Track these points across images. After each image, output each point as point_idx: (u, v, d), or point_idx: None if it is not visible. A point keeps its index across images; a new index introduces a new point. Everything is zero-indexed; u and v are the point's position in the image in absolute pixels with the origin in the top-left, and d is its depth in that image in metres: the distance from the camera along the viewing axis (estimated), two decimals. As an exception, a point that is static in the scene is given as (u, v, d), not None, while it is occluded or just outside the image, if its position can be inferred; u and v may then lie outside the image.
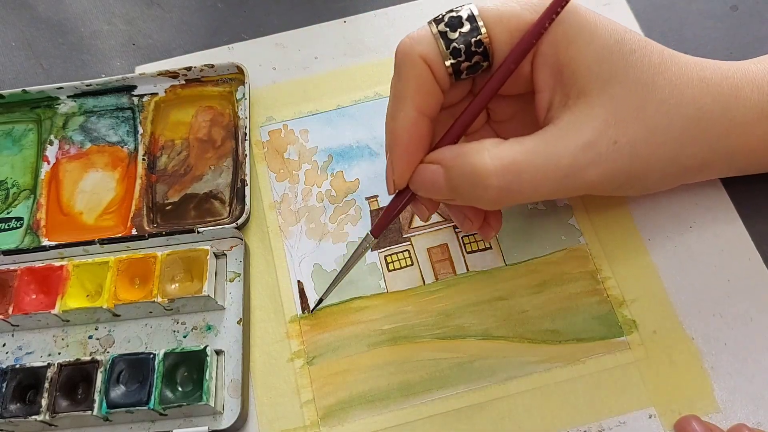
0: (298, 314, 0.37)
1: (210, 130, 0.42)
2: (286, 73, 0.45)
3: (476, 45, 0.31)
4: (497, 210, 0.35)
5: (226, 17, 0.47)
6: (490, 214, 0.35)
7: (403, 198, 0.33)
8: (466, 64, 0.31)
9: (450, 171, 0.30)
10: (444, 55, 0.31)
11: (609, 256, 0.37)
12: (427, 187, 0.32)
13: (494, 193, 0.29)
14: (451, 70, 0.31)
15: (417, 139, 0.31)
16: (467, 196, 0.30)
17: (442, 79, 0.31)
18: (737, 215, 0.37)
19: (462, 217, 0.34)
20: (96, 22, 0.48)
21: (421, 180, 0.32)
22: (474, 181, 0.29)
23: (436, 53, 0.31)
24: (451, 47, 0.30)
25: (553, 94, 0.31)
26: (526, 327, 0.36)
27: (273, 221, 0.40)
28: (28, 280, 0.37)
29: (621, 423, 0.33)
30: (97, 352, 0.37)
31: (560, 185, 0.30)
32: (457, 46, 0.30)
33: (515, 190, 0.29)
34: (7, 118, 0.44)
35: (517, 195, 0.30)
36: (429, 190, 0.32)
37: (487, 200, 0.30)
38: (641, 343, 0.35)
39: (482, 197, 0.30)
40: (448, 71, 0.31)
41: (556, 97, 0.31)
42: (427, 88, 0.31)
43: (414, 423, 0.34)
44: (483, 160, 0.29)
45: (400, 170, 0.32)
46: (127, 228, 0.40)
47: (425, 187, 0.32)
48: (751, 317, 0.35)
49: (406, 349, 0.36)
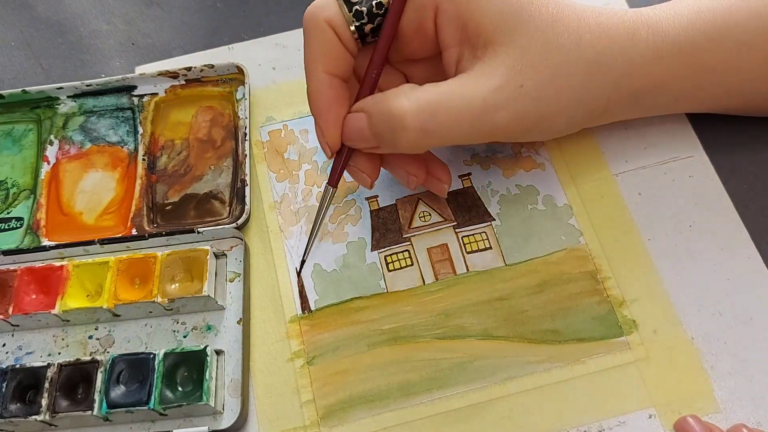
0: (298, 314, 0.37)
1: (210, 130, 0.42)
2: (286, 73, 0.45)
3: (377, 7, 0.33)
4: (440, 162, 0.37)
5: (226, 17, 0.47)
6: (433, 166, 0.37)
7: (342, 155, 0.35)
8: (369, 26, 0.33)
9: (372, 116, 0.32)
10: (348, 19, 0.33)
11: (609, 256, 0.37)
12: (353, 136, 0.33)
13: (412, 135, 0.31)
14: (356, 34, 0.33)
15: (334, 99, 0.33)
16: (388, 139, 0.32)
17: (349, 42, 0.33)
18: (737, 215, 0.37)
19: (404, 174, 0.36)
20: (95, 22, 0.48)
21: (348, 129, 0.34)
22: (392, 123, 0.31)
23: (340, 17, 0.33)
24: (354, 10, 0.33)
25: (461, 49, 0.33)
26: (526, 327, 0.36)
27: (273, 221, 0.40)
28: (28, 280, 0.37)
29: (621, 423, 0.33)
30: (97, 352, 0.37)
31: (473, 127, 0.32)
32: (360, 9, 0.33)
33: (431, 130, 0.31)
34: (7, 118, 0.44)
35: (434, 136, 0.31)
36: (356, 139, 0.34)
37: (406, 142, 0.32)
38: (641, 343, 0.35)
39: (401, 139, 0.31)
40: (353, 35, 0.33)
41: (465, 50, 0.33)
42: (335, 52, 0.33)
43: (414, 423, 0.34)
44: (400, 101, 0.31)
45: (328, 131, 0.34)
46: (127, 228, 0.40)
47: (352, 136, 0.34)
48: (751, 317, 0.35)
49: (406, 349, 0.36)
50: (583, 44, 0.33)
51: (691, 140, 0.39)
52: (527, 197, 0.39)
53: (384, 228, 0.39)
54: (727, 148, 0.39)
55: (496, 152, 0.40)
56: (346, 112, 0.34)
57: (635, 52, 0.33)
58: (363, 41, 0.34)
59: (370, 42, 0.34)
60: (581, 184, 0.39)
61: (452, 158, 0.40)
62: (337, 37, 0.33)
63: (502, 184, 0.39)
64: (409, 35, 0.34)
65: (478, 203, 0.39)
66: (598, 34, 0.33)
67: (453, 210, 0.39)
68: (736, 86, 0.36)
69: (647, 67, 0.34)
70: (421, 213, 0.39)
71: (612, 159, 0.39)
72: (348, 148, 0.35)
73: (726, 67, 0.35)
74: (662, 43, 0.34)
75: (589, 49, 0.33)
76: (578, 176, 0.39)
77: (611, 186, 0.39)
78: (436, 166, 0.37)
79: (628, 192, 0.38)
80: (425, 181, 0.37)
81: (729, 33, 0.34)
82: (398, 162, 0.36)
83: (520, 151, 0.40)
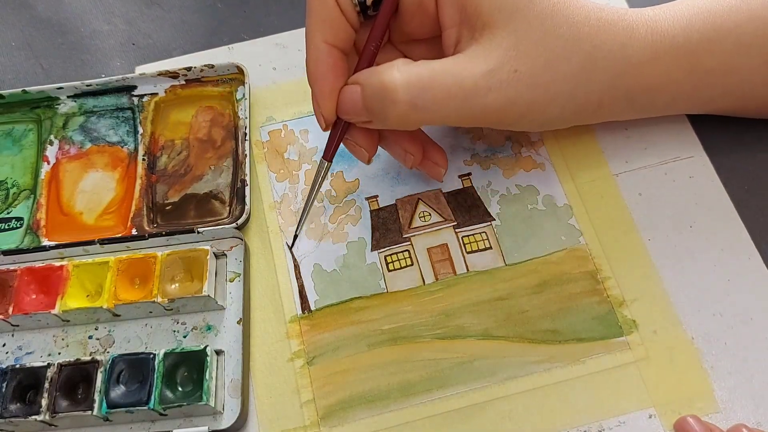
0: (298, 314, 0.37)
1: (210, 130, 0.42)
2: (286, 73, 0.45)
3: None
4: (437, 145, 0.38)
5: (226, 17, 0.47)
6: (430, 149, 0.37)
7: (338, 128, 0.35)
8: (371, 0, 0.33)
9: (365, 89, 0.32)
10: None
11: (609, 256, 0.37)
12: (347, 108, 0.33)
13: (402, 108, 0.31)
14: (358, 6, 0.33)
15: (331, 70, 0.33)
16: (378, 112, 0.32)
17: (350, 13, 0.33)
18: (737, 215, 0.37)
19: (401, 152, 0.36)
20: (96, 22, 0.48)
21: (343, 101, 0.33)
22: (383, 96, 0.31)
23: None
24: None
25: (459, 30, 0.33)
26: (526, 327, 0.36)
27: (273, 221, 0.40)
28: (28, 280, 0.37)
29: (621, 423, 0.33)
30: (97, 352, 0.37)
31: (464, 107, 0.32)
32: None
33: (421, 106, 0.31)
34: (7, 118, 0.44)
35: (424, 112, 0.31)
36: (350, 112, 0.33)
37: (395, 115, 0.32)
38: (641, 343, 0.35)
39: (391, 112, 0.31)
40: (355, 7, 0.33)
41: (463, 32, 0.33)
42: (336, 22, 0.33)
43: (414, 423, 0.34)
44: (392, 74, 0.31)
45: (323, 101, 0.33)
46: (127, 228, 0.40)
47: (346, 108, 0.33)
48: (751, 317, 0.35)
49: (406, 349, 0.36)
50: (582, 37, 0.33)
51: (692, 140, 0.39)
52: (527, 197, 0.39)
53: (384, 228, 0.39)
54: (727, 148, 0.39)
55: (496, 152, 0.40)
56: (342, 84, 0.34)
57: (633, 50, 0.33)
58: (365, 14, 0.34)
59: (371, 16, 0.34)
60: (581, 184, 0.39)
61: (452, 158, 0.40)
62: (339, 7, 0.33)
63: (502, 184, 0.39)
64: (410, 12, 0.34)
65: (478, 203, 0.39)
66: (597, 29, 0.33)
67: (453, 210, 0.39)
68: (734, 88, 0.36)
69: (644, 66, 0.34)
70: (421, 213, 0.39)
71: (612, 159, 0.39)
72: (344, 122, 0.34)
73: (724, 69, 0.35)
74: (660, 42, 0.34)
75: (586, 42, 0.33)
76: (578, 176, 0.39)
77: (611, 186, 0.39)
78: (433, 150, 0.37)
79: (628, 192, 0.38)
80: (422, 164, 0.37)
81: (727, 35, 0.34)
82: (395, 138, 0.36)
83: (520, 151, 0.40)
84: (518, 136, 0.41)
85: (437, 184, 0.40)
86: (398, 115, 0.32)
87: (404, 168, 0.40)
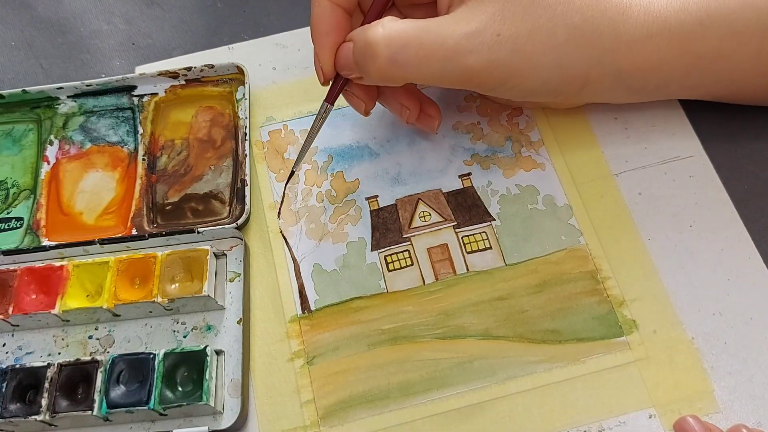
0: (298, 314, 0.37)
1: (210, 130, 0.42)
2: (286, 73, 0.45)
3: None
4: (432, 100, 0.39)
5: (226, 17, 0.47)
6: (425, 103, 0.39)
7: (337, 83, 0.36)
8: None
9: (354, 44, 0.33)
10: None
11: (609, 256, 0.37)
12: (343, 63, 0.34)
13: (381, 62, 0.32)
14: None
15: (333, 27, 0.34)
16: (362, 66, 0.33)
17: None
18: (737, 215, 0.37)
19: (398, 106, 0.38)
20: (95, 22, 0.48)
21: (339, 57, 0.35)
22: (366, 51, 0.32)
23: None
24: None
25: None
26: (526, 327, 0.36)
27: (273, 221, 0.40)
28: (28, 280, 0.37)
29: (621, 423, 0.33)
30: (97, 352, 0.37)
31: (445, 67, 0.32)
32: None
33: (401, 62, 0.32)
34: (7, 118, 0.44)
35: (405, 68, 0.32)
36: (345, 67, 0.35)
37: (376, 70, 0.32)
38: (641, 343, 0.35)
39: (372, 67, 0.32)
40: None
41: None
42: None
43: (414, 423, 0.34)
44: (376, 29, 0.32)
45: (322, 55, 0.35)
46: (127, 228, 0.40)
47: (342, 64, 0.35)
48: (751, 317, 0.35)
49: (406, 349, 0.36)
50: (572, 8, 0.33)
51: (692, 140, 0.39)
52: (527, 197, 0.39)
53: (384, 228, 0.39)
54: (727, 148, 0.39)
55: (496, 152, 0.40)
56: (342, 41, 0.35)
57: (624, 28, 0.33)
58: None
59: None
60: (581, 184, 0.39)
61: (452, 158, 0.40)
62: None
63: (502, 184, 0.39)
64: None
65: (478, 203, 0.39)
66: (590, 3, 0.33)
67: (453, 210, 0.39)
68: (726, 74, 0.36)
69: (635, 44, 0.34)
70: (421, 213, 0.39)
71: (612, 159, 0.39)
72: (343, 79, 0.36)
73: (716, 55, 0.35)
74: (653, 23, 0.34)
75: (576, 15, 0.33)
76: (578, 176, 0.39)
77: (611, 186, 0.39)
78: (427, 104, 0.39)
79: (628, 192, 0.38)
80: (418, 119, 0.38)
81: (721, 20, 0.34)
82: (393, 93, 0.37)
83: (520, 151, 0.40)
84: (518, 136, 0.41)
85: (437, 185, 0.40)
86: (378, 69, 0.32)
87: (404, 168, 0.40)
